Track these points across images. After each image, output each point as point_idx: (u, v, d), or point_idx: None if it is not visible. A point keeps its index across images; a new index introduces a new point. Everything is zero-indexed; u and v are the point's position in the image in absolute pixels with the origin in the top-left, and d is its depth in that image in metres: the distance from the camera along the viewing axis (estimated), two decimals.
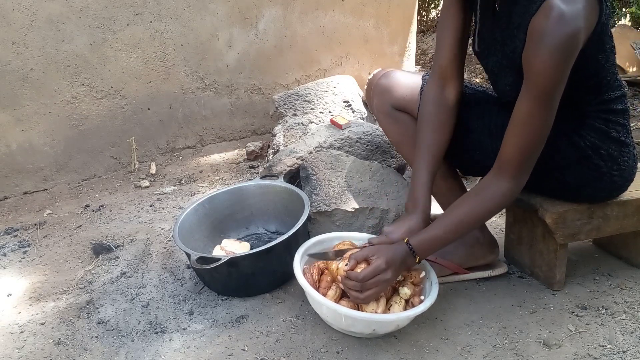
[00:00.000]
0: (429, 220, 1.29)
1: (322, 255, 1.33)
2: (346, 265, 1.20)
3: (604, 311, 1.34)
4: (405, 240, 1.21)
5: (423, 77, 1.43)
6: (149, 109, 2.49)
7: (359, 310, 1.22)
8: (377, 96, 1.46)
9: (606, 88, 1.21)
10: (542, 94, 1.06)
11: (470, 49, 1.39)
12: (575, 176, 1.28)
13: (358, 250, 1.26)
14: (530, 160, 1.15)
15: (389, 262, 1.17)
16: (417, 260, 1.21)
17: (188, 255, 1.38)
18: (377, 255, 1.18)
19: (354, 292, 1.18)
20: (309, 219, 1.56)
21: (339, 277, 1.22)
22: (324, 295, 1.25)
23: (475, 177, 2.08)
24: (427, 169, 1.30)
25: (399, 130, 1.46)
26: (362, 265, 1.19)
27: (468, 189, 1.46)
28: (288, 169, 1.81)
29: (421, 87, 1.40)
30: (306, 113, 2.35)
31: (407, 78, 1.44)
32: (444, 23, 1.31)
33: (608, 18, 1.11)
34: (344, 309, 1.19)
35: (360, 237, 1.44)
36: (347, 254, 1.25)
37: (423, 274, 1.32)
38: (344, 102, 2.38)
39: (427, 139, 1.31)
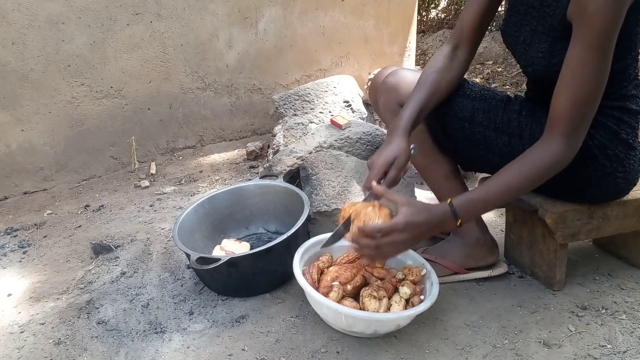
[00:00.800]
0: (408, 139, 1.23)
1: (334, 238, 1.24)
2: (370, 209, 1.11)
3: (604, 311, 1.34)
4: (448, 202, 1.12)
5: None
6: (149, 109, 2.49)
7: (360, 310, 1.22)
8: (383, 94, 1.45)
9: (627, 81, 1.20)
10: (596, 39, 1.02)
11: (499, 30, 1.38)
12: (580, 175, 1.27)
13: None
14: (584, 116, 1.08)
15: (408, 225, 1.08)
16: (458, 224, 1.12)
17: (188, 256, 1.38)
18: (403, 213, 1.08)
19: (367, 250, 1.11)
20: (308, 219, 1.56)
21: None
22: (324, 295, 1.25)
23: (476, 174, 2.08)
24: (419, 100, 1.26)
25: None
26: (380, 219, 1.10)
27: (469, 188, 1.47)
28: (288, 169, 1.81)
29: None
30: (306, 113, 2.35)
31: (414, 76, 1.43)
32: None
33: None
34: (345, 309, 1.19)
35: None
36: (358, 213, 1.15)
37: (424, 271, 1.32)
38: (344, 102, 2.38)
39: (426, 77, 1.31)
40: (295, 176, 1.79)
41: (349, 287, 1.33)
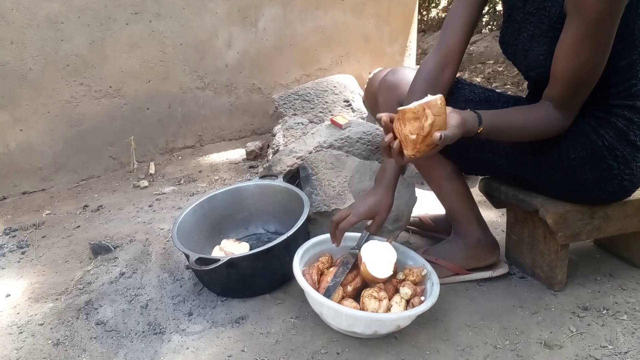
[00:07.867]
0: (393, 194, 1.32)
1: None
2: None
3: (605, 312, 1.34)
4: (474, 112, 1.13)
5: None
6: (148, 108, 2.49)
7: (360, 310, 1.22)
8: (383, 93, 1.44)
9: (636, 79, 1.19)
10: (590, 28, 1.05)
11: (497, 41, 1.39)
12: (587, 176, 1.26)
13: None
14: (577, 96, 1.14)
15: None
16: (479, 131, 1.12)
17: (187, 256, 1.37)
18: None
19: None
20: (308, 219, 1.55)
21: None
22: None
23: (477, 177, 2.07)
24: None
25: None
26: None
27: (470, 189, 1.46)
28: (288, 169, 1.80)
29: None
30: (306, 113, 2.34)
31: (414, 75, 1.42)
32: (458, 5, 1.32)
33: None
34: (345, 309, 1.19)
35: (358, 237, 1.44)
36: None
37: (425, 272, 1.32)
38: (344, 101, 2.37)
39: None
40: (295, 176, 1.78)
41: (349, 288, 1.32)
